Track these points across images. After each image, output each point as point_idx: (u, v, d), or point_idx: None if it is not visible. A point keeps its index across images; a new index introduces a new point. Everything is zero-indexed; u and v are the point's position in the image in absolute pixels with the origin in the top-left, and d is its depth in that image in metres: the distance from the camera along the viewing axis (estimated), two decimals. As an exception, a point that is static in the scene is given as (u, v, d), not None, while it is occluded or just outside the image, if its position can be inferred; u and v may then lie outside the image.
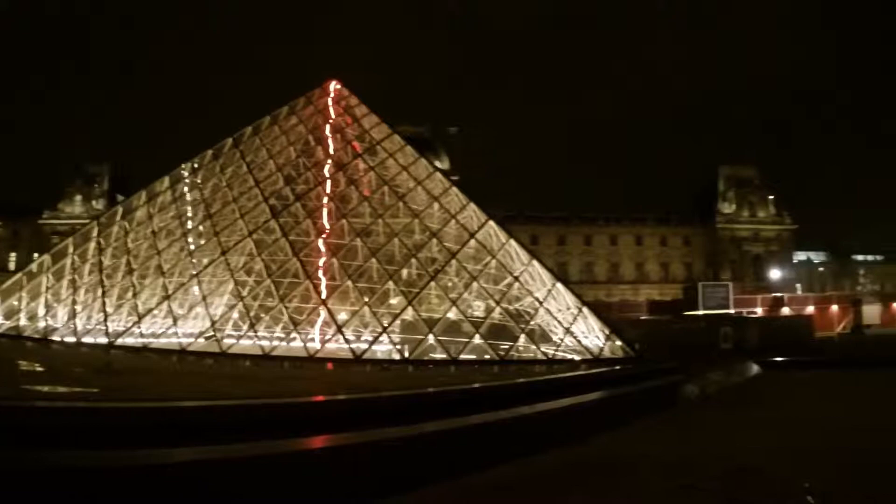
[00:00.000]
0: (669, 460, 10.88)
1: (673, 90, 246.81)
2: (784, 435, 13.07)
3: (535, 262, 36.22)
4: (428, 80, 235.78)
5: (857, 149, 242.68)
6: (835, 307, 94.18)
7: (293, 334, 34.18)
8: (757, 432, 13.47)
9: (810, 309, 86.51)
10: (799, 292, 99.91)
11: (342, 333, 33.13)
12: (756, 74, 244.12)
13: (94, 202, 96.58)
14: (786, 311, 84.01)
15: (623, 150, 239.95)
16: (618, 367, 28.48)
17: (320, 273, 36.97)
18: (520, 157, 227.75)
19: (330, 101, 46.24)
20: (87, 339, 37.93)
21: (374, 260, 35.96)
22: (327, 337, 33.71)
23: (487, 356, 31.18)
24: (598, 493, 8.89)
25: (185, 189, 44.51)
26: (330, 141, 43.38)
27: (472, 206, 38.04)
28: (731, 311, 77.82)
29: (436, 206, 38.57)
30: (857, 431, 13.07)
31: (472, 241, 35.97)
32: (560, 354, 31.97)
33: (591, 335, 33.40)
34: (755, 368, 30.57)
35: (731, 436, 13.24)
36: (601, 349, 32.29)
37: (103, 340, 36.87)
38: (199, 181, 44.40)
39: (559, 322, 33.47)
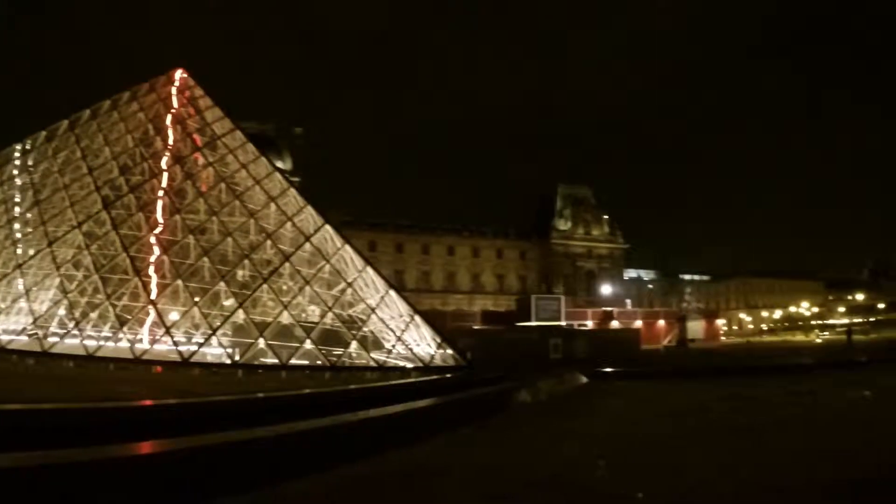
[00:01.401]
0: (484, 466, 11.04)
1: (524, 109, 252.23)
2: (596, 444, 13.46)
3: (369, 269, 36.00)
4: (280, 79, 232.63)
5: (689, 178, 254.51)
6: (661, 322, 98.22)
7: (120, 334, 32.80)
8: (572, 441, 13.83)
9: (638, 323, 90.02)
10: (628, 307, 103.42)
11: (171, 335, 32.15)
12: (606, 104, 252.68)
13: None
14: (615, 324, 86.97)
15: (471, 162, 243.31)
16: (447, 376, 28.77)
17: (151, 270, 35.55)
18: (364, 162, 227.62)
19: (174, 90, 44.36)
20: None
21: (206, 259, 34.87)
22: (156, 338, 32.61)
23: (319, 362, 30.89)
24: (407, 501, 8.89)
25: (14, 172, 42.14)
26: (170, 131, 41.62)
27: (310, 208, 37.48)
28: (563, 323, 79.69)
29: (273, 206, 37.68)
30: (664, 439, 13.58)
31: (308, 245, 35.47)
32: (391, 362, 32.04)
33: (422, 343, 33.60)
34: (582, 378, 31.34)
35: (548, 444, 13.57)
36: (432, 357, 32.54)
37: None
38: (29, 164, 42.07)
39: (391, 329, 33.50)
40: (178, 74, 45.55)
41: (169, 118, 42.56)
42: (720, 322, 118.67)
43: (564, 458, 11.86)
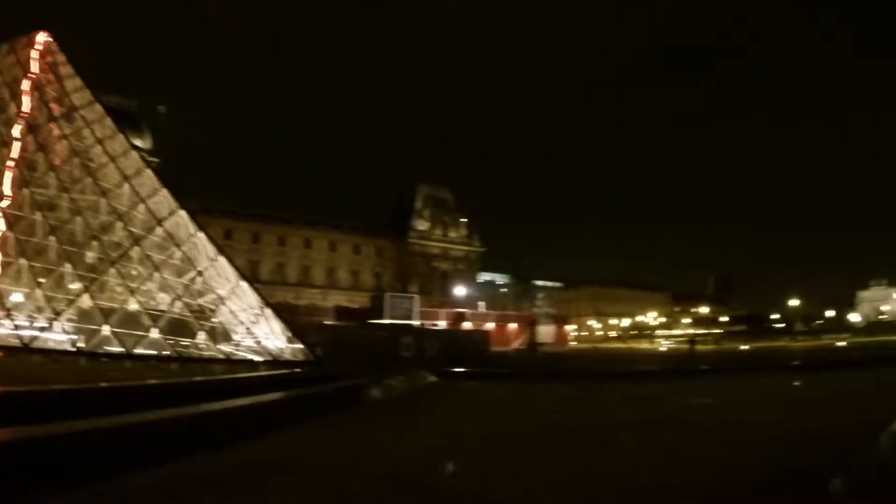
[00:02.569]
0: (329, 462, 11.19)
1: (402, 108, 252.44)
2: (440, 441, 13.77)
3: (221, 258, 35.26)
4: (156, 51, 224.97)
5: (549, 188, 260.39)
6: (513, 325, 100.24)
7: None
8: (417, 438, 14.12)
9: (491, 325, 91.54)
10: (481, 309, 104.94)
11: (12, 318, 30.86)
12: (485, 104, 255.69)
13: None
14: (468, 325, 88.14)
15: (335, 159, 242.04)
16: (296, 371, 28.62)
17: (-7, 247, 33.99)
18: (233, 153, 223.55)
19: (35, 54, 41.48)
20: None
21: (53, 238, 33.42)
22: (-6, 321, 31.21)
23: (166, 352, 30.18)
24: (248, 494, 8.95)
25: None
26: (26, 98, 39.07)
27: (165, 191, 36.22)
28: (416, 322, 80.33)
29: (127, 186, 36.13)
30: (507, 438, 14.02)
31: (160, 229, 34.40)
32: (240, 354, 31.66)
33: (272, 337, 33.32)
34: (431, 378, 31.69)
35: (392, 441, 13.78)
36: (282, 351, 32.34)
37: None
38: None
39: (241, 321, 33.08)
40: (41, 38, 42.53)
41: (26, 84, 39.84)
42: (570, 328, 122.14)
43: (408, 454, 12.11)
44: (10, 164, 36.43)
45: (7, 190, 35.49)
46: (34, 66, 41.09)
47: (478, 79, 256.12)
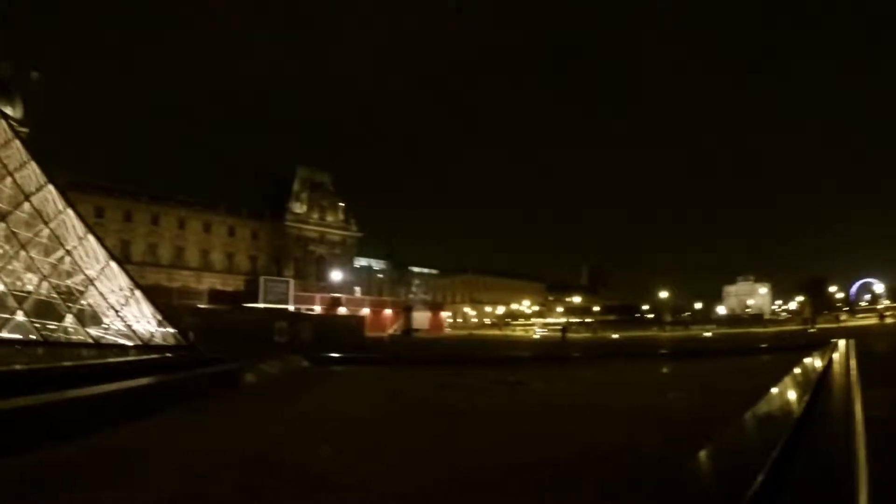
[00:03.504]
0: (195, 449, 11.19)
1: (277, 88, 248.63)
2: (307, 425, 13.96)
3: (90, 237, 34.13)
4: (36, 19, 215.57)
5: (426, 175, 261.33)
6: (389, 311, 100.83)
7: None
8: (283, 422, 14.22)
9: (366, 311, 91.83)
10: (357, 295, 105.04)
11: None
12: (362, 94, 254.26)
13: None
14: (343, 310, 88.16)
15: (214, 138, 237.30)
16: (167, 355, 28.16)
17: None
18: (110, 127, 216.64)
19: None
20: None
21: None
22: None
23: (32, 336, 29.23)
24: (106, 481, 8.92)
25: None
26: None
27: (34, 164, 34.80)
28: (291, 306, 79.96)
29: (-6, 158, 34.58)
30: (371, 422, 14.26)
31: (27, 205, 33.03)
32: (109, 338, 30.83)
33: (143, 320, 32.57)
34: (304, 363, 31.62)
35: (258, 426, 13.84)
36: (152, 335, 31.67)
37: None
38: None
39: (111, 304, 32.22)
40: None
41: None
42: (446, 314, 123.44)
43: (272, 438, 12.24)
44: None
45: None
46: None
47: (353, 63, 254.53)
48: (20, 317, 29.46)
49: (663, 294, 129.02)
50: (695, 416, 12.91)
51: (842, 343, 26.86)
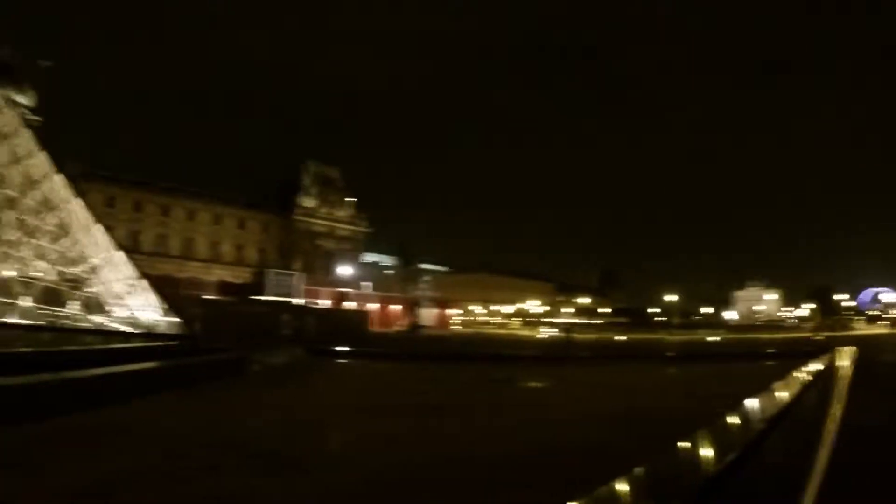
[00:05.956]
0: (178, 429, 11.52)
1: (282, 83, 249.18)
2: (293, 412, 14.25)
3: (97, 226, 34.60)
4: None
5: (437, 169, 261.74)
6: (396, 307, 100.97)
7: None
8: (272, 410, 14.49)
9: (373, 306, 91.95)
10: (365, 290, 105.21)
11: None
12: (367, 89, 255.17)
13: None
14: (350, 305, 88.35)
15: (224, 132, 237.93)
16: (170, 343, 28.40)
17: None
18: (120, 116, 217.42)
19: None
20: None
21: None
22: None
23: (39, 322, 29.54)
24: (82, 454, 9.22)
25: None
26: None
27: (43, 154, 35.28)
28: (299, 300, 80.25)
29: (3, 146, 34.89)
30: (357, 412, 14.51)
31: (37, 193, 33.52)
32: (114, 325, 31.20)
33: (147, 309, 32.92)
34: (306, 355, 31.78)
35: (245, 411, 14.15)
36: (156, 324, 31.97)
37: None
38: None
39: (116, 292, 32.59)
40: None
41: None
42: (453, 312, 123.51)
43: (254, 423, 12.55)
44: None
45: None
46: None
47: (364, 58, 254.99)
48: (28, 302, 29.77)
49: (671, 297, 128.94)
50: (673, 418, 12.98)
51: (845, 350, 26.88)
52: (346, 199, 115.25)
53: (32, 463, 8.77)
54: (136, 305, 32.65)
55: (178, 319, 32.96)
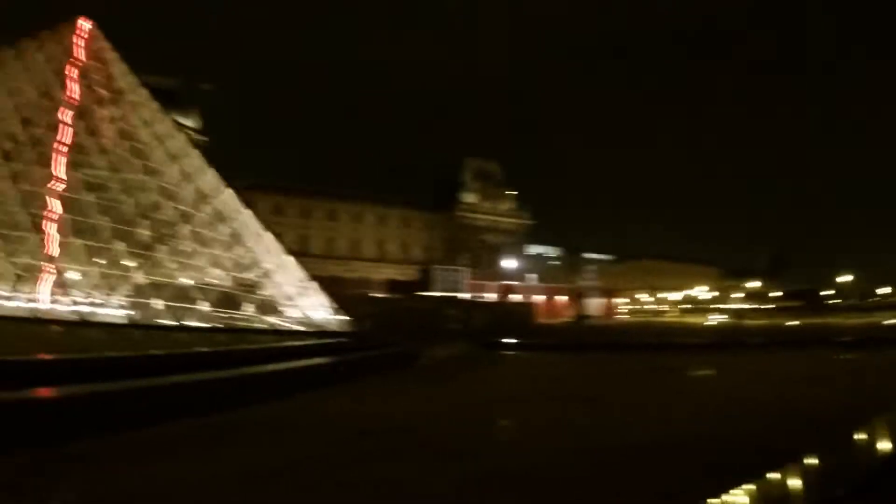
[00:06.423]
0: (343, 419, 12.07)
1: (433, 82, 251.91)
2: (460, 402, 14.61)
3: (267, 233, 36.68)
4: (188, 29, 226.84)
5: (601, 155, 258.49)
6: (561, 298, 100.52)
7: (17, 292, 32.68)
8: (439, 400, 14.96)
9: (539, 298, 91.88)
10: (530, 282, 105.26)
11: (69, 294, 32.20)
12: (516, 73, 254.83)
13: None
14: (516, 298, 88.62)
15: (380, 134, 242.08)
16: (341, 340, 29.51)
17: (50, 227, 35.19)
18: (277, 128, 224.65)
19: (79, 41, 42.40)
20: None
21: (107, 217, 34.48)
22: (54, 297, 32.61)
23: (215, 324, 31.35)
24: (260, 442, 9.85)
25: None
26: (74, 84, 40.10)
27: (212, 170, 37.74)
28: (464, 294, 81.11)
29: (175, 166, 37.56)
30: (518, 403, 14.75)
31: (209, 207, 35.79)
32: (286, 325, 32.67)
33: (316, 309, 34.34)
34: (473, 348, 32.27)
35: (409, 402, 14.62)
36: (327, 322, 33.30)
37: None
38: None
39: (287, 294, 34.17)
40: (82, 24, 43.17)
41: (73, 70, 40.86)
42: (619, 301, 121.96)
43: (417, 412, 13.02)
44: (61, 147, 37.50)
45: (60, 173, 36.75)
46: (78, 52, 42.00)
47: (507, 50, 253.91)
48: (205, 307, 31.64)
49: (846, 278, 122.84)
50: (832, 413, 12.49)
51: None
52: (507, 193, 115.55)
53: (232, 442, 9.52)
54: (307, 306, 34.13)
55: (347, 317, 34.21)
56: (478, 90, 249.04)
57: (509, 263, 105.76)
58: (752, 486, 4.82)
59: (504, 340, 34.89)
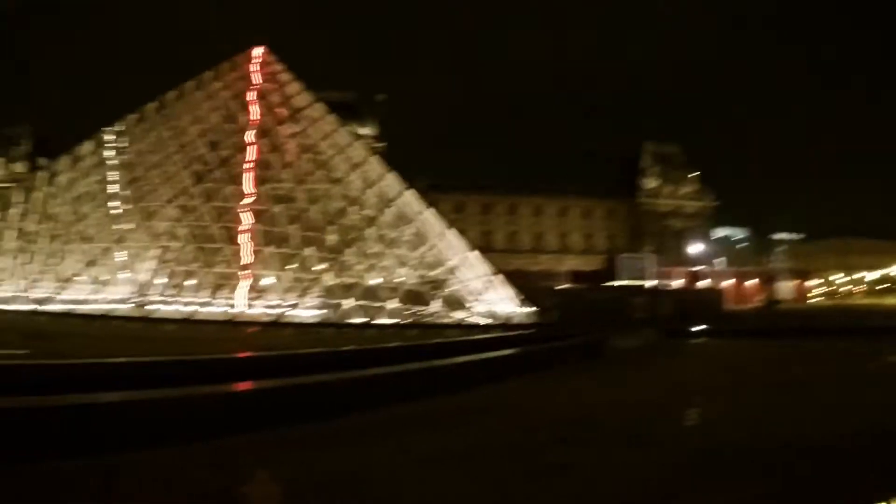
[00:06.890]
0: (531, 407, 12.21)
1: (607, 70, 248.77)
2: (644, 391, 14.41)
3: (450, 232, 37.36)
4: (347, 46, 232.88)
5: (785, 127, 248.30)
6: (750, 282, 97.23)
7: (216, 298, 34.86)
8: (624, 388, 14.86)
9: (727, 283, 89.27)
10: (717, 266, 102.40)
11: (264, 298, 33.97)
12: (694, 54, 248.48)
13: (14, 165, 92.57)
14: (704, 283, 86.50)
15: (556, 121, 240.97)
16: (529, 332, 29.67)
17: (243, 238, 37.40)
18: (449, 130, 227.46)
19: (255, 67, 45.41)
20: (10, 307, 37.57)
21: (295, 226, 36.54)
22: (249, 301, 34.52)
23: (404, 320, 32.27)
24: (446, 429, 10.12)
25: (109, 153, 44.05)
26: (254, 107, 42.99)
27: (392, 174, 38.94)
28: (650, 282, 79.88)
29: (356, 173, 39.21)
30: (710, 392, 14.43)
31: (391, 209, 36.93)
32: (473, 319, 33.20)
33: (502, 302, 34.72)
34: (660, 336, 31.82)
35: (601, 391, 14.59)
36: (512, 315, 33.62)
37: (28, 307, 36.85)
38: (123, 145, 44.09)
39: (473, 289, 34.71)
40: (257, 52, 46.16)
41: (251, 94, 43.72)
42: (812, 283, 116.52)
43: (602, 401, 12.96)
44: (249, 165, 40.20)
45: (250, 188, 39.02)
46: (256, 78, 44.73)
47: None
48: (393, 304, 32.65)
49: None
50: None
51: None
52: (689, 175, 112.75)
53: (408, 434, 9.88)
54: (492, 299, 34.57)
55: (533, 309, 34.41)
56: (657, 73, 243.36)
57: (695, 248, 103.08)
58: None
59: (692, 328, 34.15)
